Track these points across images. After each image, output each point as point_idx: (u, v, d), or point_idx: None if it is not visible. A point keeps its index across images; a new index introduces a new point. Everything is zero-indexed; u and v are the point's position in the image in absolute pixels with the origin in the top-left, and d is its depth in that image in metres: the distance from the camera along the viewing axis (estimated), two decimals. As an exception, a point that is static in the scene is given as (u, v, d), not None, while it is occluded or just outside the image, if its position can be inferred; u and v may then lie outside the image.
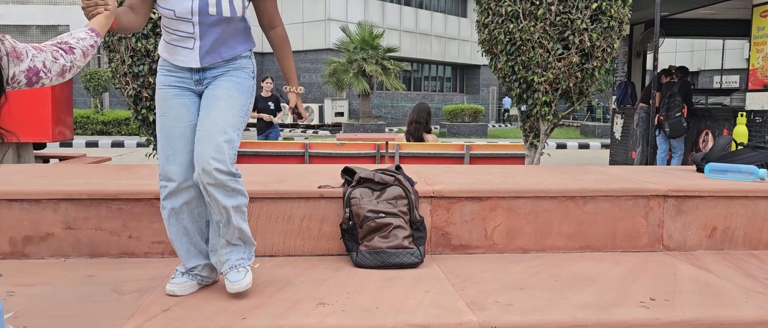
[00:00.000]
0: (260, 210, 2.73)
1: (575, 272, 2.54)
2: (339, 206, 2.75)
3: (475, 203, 2.83)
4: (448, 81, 32.53)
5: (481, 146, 5.42)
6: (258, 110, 7.83)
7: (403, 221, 2.64)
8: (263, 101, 7.98)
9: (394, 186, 2.70)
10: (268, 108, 7.96)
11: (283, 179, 3.06)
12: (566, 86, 4.26)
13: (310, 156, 5.20)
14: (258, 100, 7.79)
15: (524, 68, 4.32)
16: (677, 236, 2.95)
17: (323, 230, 2.76)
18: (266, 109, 7.93)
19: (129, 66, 3.97)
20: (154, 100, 4.06)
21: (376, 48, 20.38)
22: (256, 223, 2.73)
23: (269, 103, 7.98)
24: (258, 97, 7.77)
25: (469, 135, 19.91)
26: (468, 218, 2.83)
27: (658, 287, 2.35)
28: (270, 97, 8.03)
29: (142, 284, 2.29)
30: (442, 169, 3.60)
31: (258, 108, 7.81)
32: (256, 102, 7.38)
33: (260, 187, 2.79)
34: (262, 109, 7.89)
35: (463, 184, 2.92)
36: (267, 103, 7.97)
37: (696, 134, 7.93)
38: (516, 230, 2.86)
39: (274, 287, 2.29)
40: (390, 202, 2.67)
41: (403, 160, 5.30)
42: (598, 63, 4.22)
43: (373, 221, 2.60)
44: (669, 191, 2.91)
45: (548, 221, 2.87)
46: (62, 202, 2.64)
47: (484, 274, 2.50)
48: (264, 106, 7.94)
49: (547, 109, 4.33)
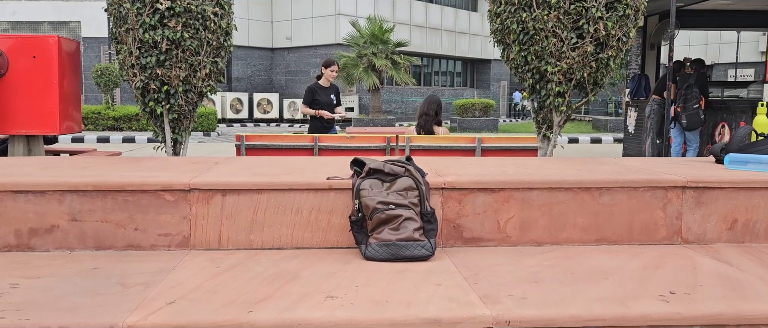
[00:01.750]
0: (268, 202, 2.68)
1: (591, 265, 2.46)
2: (348, 198, 2.69)
3: (488, 194, 2.76)
4: (459, 76, 32.39)
5: (492, 139, 5.35)
6: (319, 105, 6.28)
7: (414, 213, 2.57)
8: (324, 93, 6.38)
9: (405, 177, 2.64)
10: (331, 102, 6.42)
11: (292, 170, 3.01)
12: (580, 76, 4.16)
13: (319, 149, 5.16)
14: (318, 92, 6.28)
15: (537, 58, 4.23)
16: (696, 228, 2.86)
17: (332, 222, 2.71)
18: (328, 104, 6.38)
19: (136, 58, 3.94)
20: (161, 92, 4.04)
21: (386, 42, 20.30)
22: (264, 215, 2.68)
23: (331, 95, 6.44)
24: (318, 89, 6.30)
25: (480, 130, 19.80)
26: (480, 210, 2.76)
27: (678, 281, 2.27)
28: (331, 88, 6.48)
29: (148, 277, 2.25)
30: (453, 161, 3.54)
31: (319, 103, 6.27)
32: (314, 94, 6.20)
33: (268, 178, 2.74)
34: (324, 104, 6.32)
35: (475, 175, 2.85)
36: (329, 96, 6.41)
37: (712, 127, 7.80)
38: (529, 223, 2.79)
39: (281, 280, 2.23)
40: (400, 193, 2.60)
41: (414, 152, 5.24)
42: (613, 52, 4.12)
43: (382, 213, 2.54)
44: (688, 182, 2.83)
45: (563, 214, 2.80)
46: (68, 194, 2.60)
47: (497, 267, 2.43)
48: (326, 99, 6.35)
49: (560, 100, 4.24)
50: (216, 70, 4.18)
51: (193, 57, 3.99)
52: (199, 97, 4.21)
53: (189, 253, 2.61)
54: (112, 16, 4.01)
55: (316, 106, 6.30)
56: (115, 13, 3.97)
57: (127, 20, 3.83)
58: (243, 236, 2.69)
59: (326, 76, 6.35)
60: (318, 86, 6.38)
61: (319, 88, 6.36)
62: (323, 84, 6.39)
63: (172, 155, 4.28)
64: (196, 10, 3.92)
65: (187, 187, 2.65)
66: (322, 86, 6.37)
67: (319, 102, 6.28)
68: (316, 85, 6.40)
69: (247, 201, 2.68)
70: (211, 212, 2.67)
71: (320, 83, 6.40)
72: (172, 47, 3.88)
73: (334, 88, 6.47)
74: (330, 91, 6.41)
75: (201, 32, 3.94)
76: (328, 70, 6.33)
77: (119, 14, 3.93)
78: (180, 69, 3.95)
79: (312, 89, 6.35)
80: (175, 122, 4.19)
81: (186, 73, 3.99)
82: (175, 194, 2.64)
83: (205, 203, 2.67)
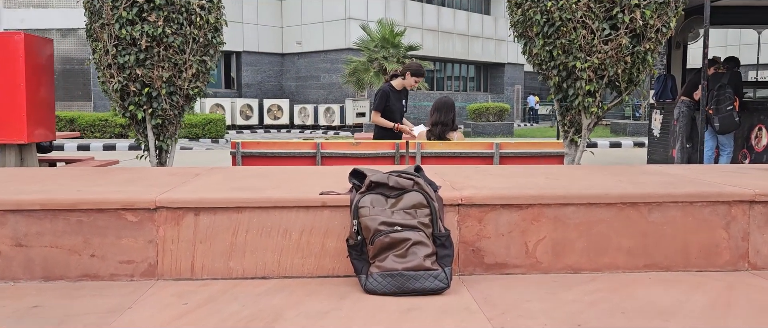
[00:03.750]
0: (251, 222, 2.24)
1: (645, 301, 1.99)
2: (346, 217, 2.24)
3: (514, 211, 2.30)
4: (472, 80, 31.90)
5: (512, 144, 4.87)
6: (391, 112, 5.29)
7: (425, 236, 2.12)
8: (397, 98, 5.38)
9: (413, 192, 2.19)
10: (402, 109, 5.45)
11: (281, 183, 2.57)
12: (613, 73, 3.66)
13: (322, 157, 4.71)
14: (391, 97, 5.29)
15: (564, 53, 3.73)
16: (766, 251, 2.38)
17: (327, 246, 2.26)
18: (400, 111, 5.39)
19: (113, 56, 3.51)
20: (142, 95, 3.61)
21: (397, 46, 19.89)
22: (246, 237, 2.24)
23: (403, 100, 5.47)
24: (391, 93, 5.31)
25: (495, 135, 19.28)
26: (505, 231, 2.30)
27: (759, 324, 1.79)
28: (403, 93, 5.48)
29: (95, 320, 1.81)
30: (470, 170, 3.08)
31: (391, 110, 5.30)
32: (388, 99, 5.27)
33: (251, 194, 2.30)
34: (397, 111, 5.33)
35: (498, 188, 2.40)
36: (401, 101, 5.44)
37: (747, 130, 7.25)
38: (564, 245, 2.32)
39: (259, 323, 1.79)
40: (408, 212, 2.15)
41: (426, 160, 4.78)
42: (651, 45, 3.61)
43: (386, 236, 2.09)
44: (756, 196, 2.34)
45: (604, 234, 2.33)
46: (11, 214, 2.18)
47: (528, 303, 1.97)
48: (398, 105, 5.38)
49: (590, 99, 3.74)
50: (204, 70, 3.74)
51: (178, 55, 3.56)
52: (186, 101, 3.78)
53: (155, 284, 2.18)
54: (86, 11, 3.60)
55: (389, 113, 5.33)
56: (89, 6, 3.56)
57: (102, 14, 3.41)
58: (220, 263, 2.25)
59: (407, 83, 5.40)
60: (392, 90, 5.38)
61: (393, 92, 5.36)
62: (397, 87, 5.43)
63: (156, 165, 3.86)
64: (179, 3, 3.49)
65: (153, 205, 2.22)
66: (396, 90, 5.41)
67: (391, 109, 5.34)
68: (390, 87, 5.41)
69: (226, 221, 2.24)
70: (183, 234, 2.24)
71: (394, 85, 5.42)
72: (152, 44, 3.45)
73: (405, 91, 5.53)
74: (402, 96, 5.48)
75: (186, 28, 3.51)
76: (413, 79, 5.36)
77: (93, 8, 3.52)
78: (163, 69, 3.52)
79: (386, 93, 5.35)
80: (159, 128, 3.76)
81: (170, 74, 3.56)
82: (138, 213, 2.21)
83: (175, 224, 2.24)
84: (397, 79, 5.51)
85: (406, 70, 5.48)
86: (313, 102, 25.59)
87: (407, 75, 5.42)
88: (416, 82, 5.39)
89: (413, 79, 5.37)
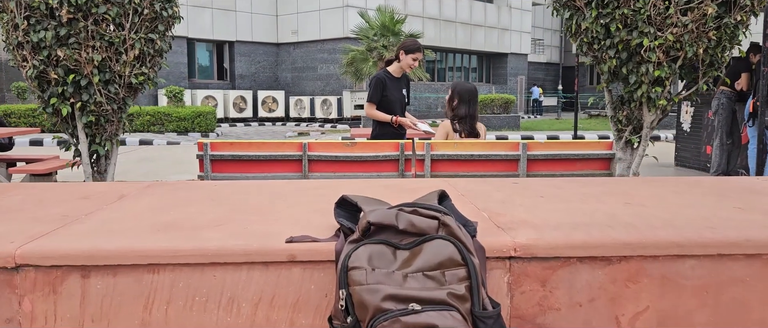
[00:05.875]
0: (174, 287, 1.38)
1: None
2: (327, 276, 1.39)
3: (598, 266, 1.44)
4: (474, 71, 31.06)
5: (541, 145, 4.01)
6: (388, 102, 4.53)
7: (460, 318, 1.25)
8: (396, 86, 4.59)
9: (439, 240, 1.32)
10: (402, 99, 4.67)
11: (235, 214, 1.70)
12: (692, 54, 2.75)
13: (309, 160, 3.85)
14: (388, 85, 4.51)
15: (626, 27, 2.83)
16: None
17: (298, 327, 1.40)
18: (400, 101, 4.62)
19: (24, 32, 2.61)
20: (66, 84, 2.69)
21: (397, 34, 18.97)
22: (166, 314, 1.38)
23: (403, 89, 4.69)
24: (388, 80, 4.53)
25: (501, 127, 18.42)
26: (584, 298, 1.44)
27: None
28: (402, 80, 4.67)
29: None
30: (505, 187, 2.20)
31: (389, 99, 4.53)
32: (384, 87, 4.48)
33: (177, 240, 1.44)
34: (395, 101, 4.57)
35: (569, 225, 1.53)
36: (401, 90, 4.66)
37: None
38: (677, 321, 1.46)
39: None
40: (430, 275, 1.29)
41: (436, 165, 3.92)
42: (743, 16, 2.71)
43: (396, 321, 1.22)
44: None
45: (740, 302, 1.47)
46: None
47: None
48: (397, 95, 4.60)
49: (658, 89, 2.85)
50: (152, 52, 2.84)
51: (113, 32, 2.67)
52: (129, 91, 2.90)
53: (12, 394, 1.32)
54: (-11, -27, 2.74)
55: (386, 104, 4.51)
56: (-9, -34, 2.69)
57: (5, -27, 2.53)
58: (125, 354, 1.39)
59: (403, 64, 4.52)
60: (388, 76, 4.55)
61: (390, 80, 4.54)
62: (394, 73, 4.59)
63: (92, 175, 2.97)
64: (114, -41, 2.60)
65: (12, 261, 1.36)
66: (393, 77, 4.58)
67: (389, 99, 4.52)
68: (386, 74, 4.58)
69: (134, 287, 1.38)
70: (62, 308, 1.38)
71: (391, 72, 4.59)
72: (77, 16, 2.55)
73: (406, 79, 4.69)
74: (402, 84, 4.64)
75: (123, -6, 2.61)
76: (409, 57, 4.47)
77: (-5, -32, 2.64)
78: (93, 49, 2.62)
79: (381, 81, 4.53)
80: (93, 128, 2.85)
81: (103, 56, 2.66)
82: (-15, 276, 1.35)
83: (50, 293, 1.38)
84: (393, 64, 4.63)
85: (399, 49, 4.59)
86: (310, 94, 24.75)
87: (401, 54, 4.54)
88: (415, 60, 4.53)
89: (410, 58, 4.50)
